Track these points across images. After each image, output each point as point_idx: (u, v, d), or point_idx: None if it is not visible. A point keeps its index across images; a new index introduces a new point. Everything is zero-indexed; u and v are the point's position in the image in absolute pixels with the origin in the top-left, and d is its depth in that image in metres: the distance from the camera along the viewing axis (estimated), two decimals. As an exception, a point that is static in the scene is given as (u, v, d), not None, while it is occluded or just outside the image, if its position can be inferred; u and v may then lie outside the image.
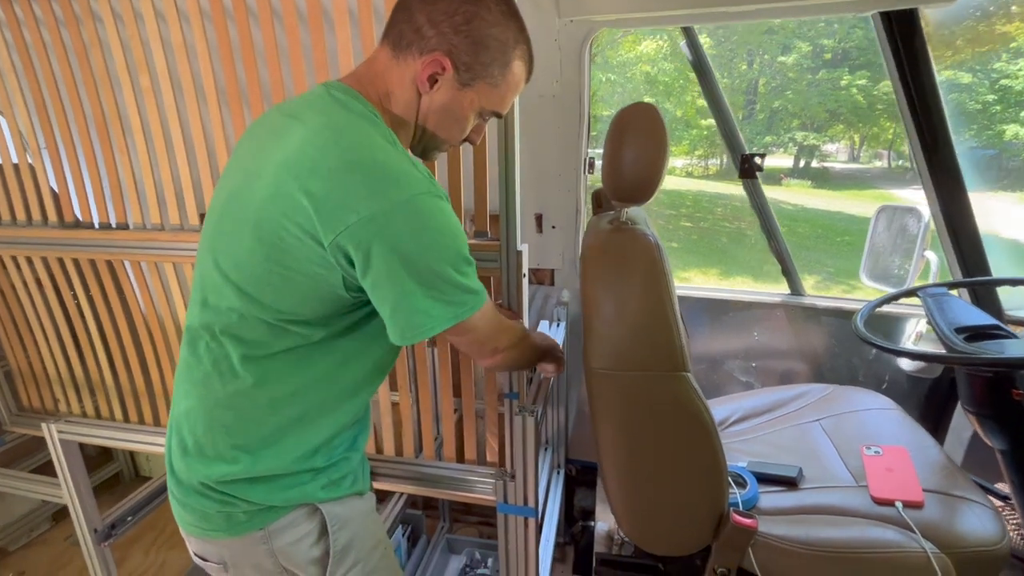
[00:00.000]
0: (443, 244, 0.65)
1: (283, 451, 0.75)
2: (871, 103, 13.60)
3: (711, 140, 13.48)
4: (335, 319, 0.71)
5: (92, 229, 1.33)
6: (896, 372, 1.47)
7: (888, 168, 15.44)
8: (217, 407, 0.72)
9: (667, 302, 0.85)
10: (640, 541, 0.98)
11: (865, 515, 0.93)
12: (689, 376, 0.86)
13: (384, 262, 0.63)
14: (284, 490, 0.75)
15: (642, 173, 0.86)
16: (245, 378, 0.70)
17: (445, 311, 0.67)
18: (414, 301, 0.65)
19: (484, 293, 0.72)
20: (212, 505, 0.74)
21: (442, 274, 0.66)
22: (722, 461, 0.88)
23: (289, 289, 0.66)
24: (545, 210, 1.56)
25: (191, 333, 0.74)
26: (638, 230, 0.89)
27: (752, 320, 1.55)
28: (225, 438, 0.73)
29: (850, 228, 9.58)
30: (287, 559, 0.77)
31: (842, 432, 1.14)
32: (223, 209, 0.71)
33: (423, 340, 0.68)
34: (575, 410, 1.78)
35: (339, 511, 0.80)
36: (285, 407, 0.73)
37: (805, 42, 14.11)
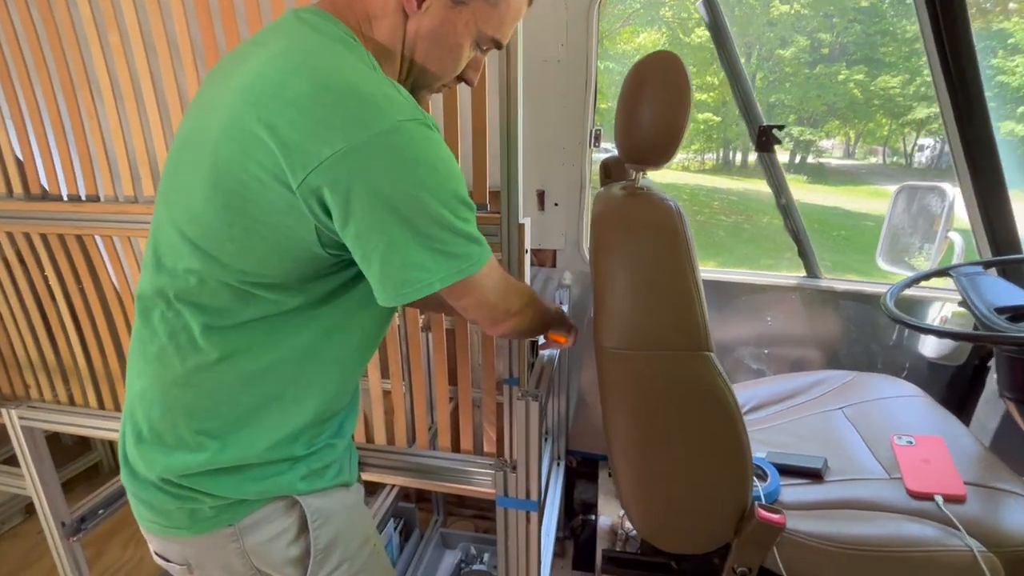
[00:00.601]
0: (437, 182, 0.55)
1: (256, 437, 0.65)
2: (868, 99, 13.63)
3: (707, 135, 13.46)
4: (312, 283, 0.62)
5: (60, 201, 1.23)
6: (917, 359, 1.39)
7: (883, 164, 15.51)
8: (175, 386, 0.63)
9: (689, 274, 0.76)
10: (653, 538, 0.90)
11: (901, 510, 0.85)
12: (712, 356, 0.77)
13: (367, 206, 0.52)
14: (257, 481, 0.66)
15: (662, 131, 0.77)
16: (208, 352, 0.61)
17: (445, 264, 0.57)
18: (407, 253, 0.55)
19: (488, 246, 0.62)
20: (172, 501, 0.65)
21: (439, 218, 0.56)
22: (747, 450, 0.80)
23: (254, 245, 0.56)
24: (547, 186, 1.47)
25: (143, 301, 0.64)
26: (655, 195, 0.80)
27: (765, 304, 1.47)
28: (186, 422, 0.63)
29: (845, 223, 9.56)
30: (261, 559, 0.68)
31: (868, 421, 1.06)
32: (178, 154, 0.61)
33: (419, 298, 0.57)
34: (575, 399, 1.69)
35: (321, 504, 0.71)
36: (257, 385, 0.64)
37: (803, 36, 14.10)
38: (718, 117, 12.94)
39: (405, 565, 1.61)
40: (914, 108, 12.77)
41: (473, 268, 0.59)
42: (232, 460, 0.64)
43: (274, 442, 0.66)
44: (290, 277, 0.59)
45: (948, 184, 1.39)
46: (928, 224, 1.41)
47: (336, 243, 0.58)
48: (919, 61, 12.57)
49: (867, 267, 4.45)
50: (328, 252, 0.59)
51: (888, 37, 13.06)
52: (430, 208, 0.55)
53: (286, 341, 0.63)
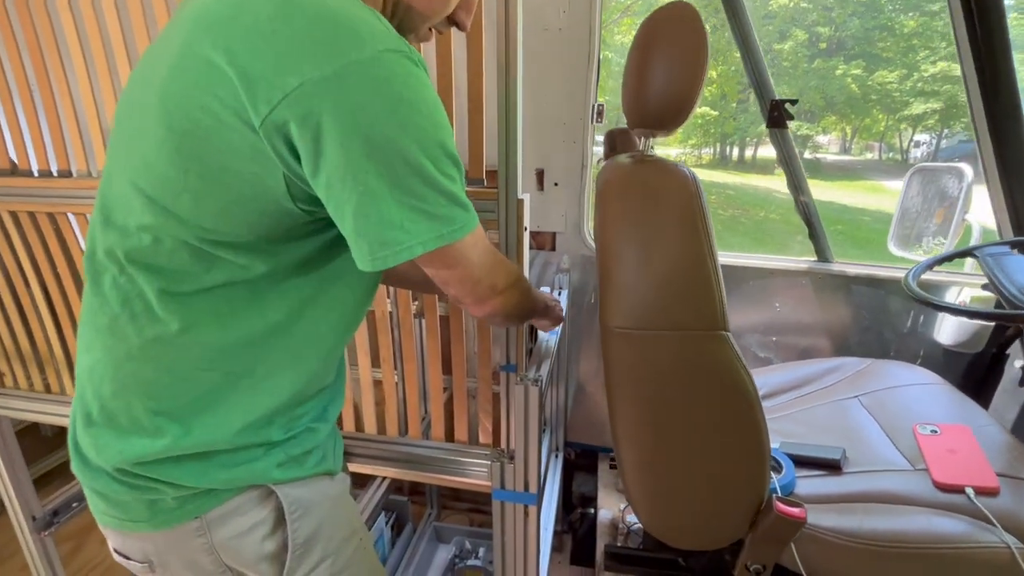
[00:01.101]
0: (421, 127, 0.48)
1: (224, 419, 0.58)
2: (865, 94, 13.62)
3: (705, 129, 13.41)
4: (283, 246, 0.54)
5: (30, 177, 1.16)
6: (932, 347, 1.34)
7: (879, 160, 15.54)
8: (129, 360, 0.55)
9: (706, 247, 0.69)
10: (660, 533, 0.84)
11: (928, 503, 0.79)
12: (730, 336, 0.71)
13: (339, 146, 0.45)
14: (226, 468, 0.59)
15: (676, 91, 0.70)
16: (166, 321, 0.53)
17: (426, 227, 0.50)
18: (384, 208, 0.48)
19: (475, 213, 0.55)
20: (129, 492, 0.58)
21: (420, 170, 0.49)
22: (766, 438, 0.73)
23: (213, 197, 0.49)
24: (547, 165, 1.40)
25: (92, 265, 0.57)
26: (668, 162, 0.73)
27: (774, 289, 1.40)
28: (143, 401, 0.56)
29: (842, 218, 9.55)
30: (232, 555, 0.61)
31: (887, 409, 1.00)
32: (128, 95, 0.54)
33: (399, 263, 0.50)
34: (574, 388, 1.63)
35: (300, 494, 0.64)
36: (223, 361, 0.56)
37: (801, 29, 14.08)
38: (715, 111, 12.91)
39: (397, 560, 1.55)
40: (911, 104, 12.76)
41: (457, 234, 0.53)
42: (197, 445, 0.57)
43: (245, 425, 0.59)
44: (257, 236, 0.52)
45: (965, 164, 1.33)
46: (945, 207, 1.36)
47: (308, 196, 0.51)
48: (916, 57, 12.56)
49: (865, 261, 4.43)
50: (300, 207, 0.51)
51: (886, 32, 13.04)
52: (411, 156, 0.48)
53: (255, 313, 0.56)
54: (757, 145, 15.19)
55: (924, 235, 1.44)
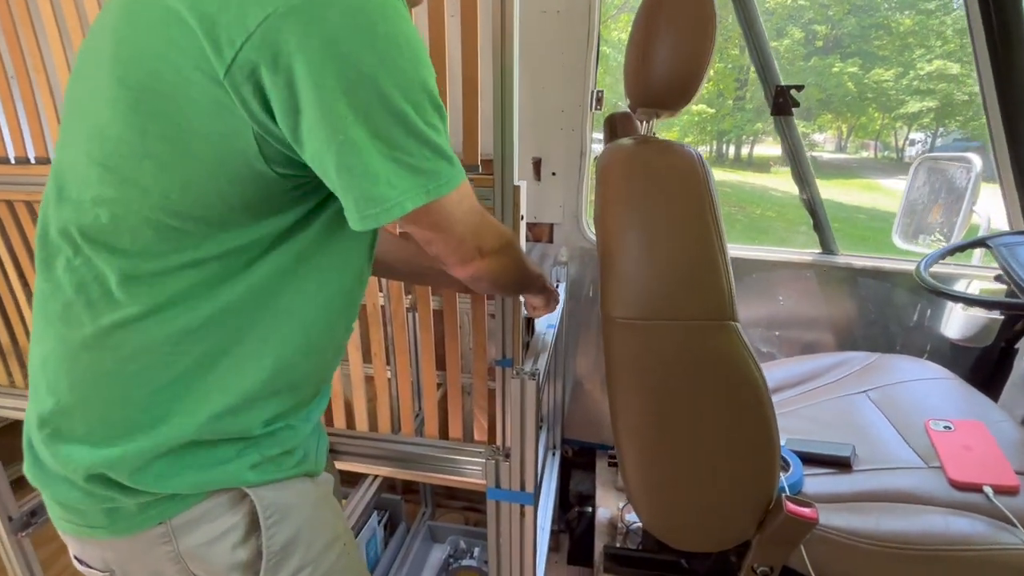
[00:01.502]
0: (400, 66, 0.44)
1: (195, 407, 0.52)
2: (861, 92, 13.62)
3: (701, 127, 13.40)
4: (259, 219, 0.50)
5: (7, 164, 1.11)
6: (939, 341, 1.30)
7: (874, 158, 15.56)
8: (86, 350, 0.50)
9: (713, 233, 0.66)
10: (663, 534, 0.80)
11: (944, 503, 0.75)
12: (739, 327, 0.67)
13: (314, 88, 0.41)
14: (195, 470, 0.54)
15: (682, 67, 0.66)
16: (127, 306, 0.49)
17: (411, 182, 0.47)
18: (366, 160, 0.44)
19: (461, 168, 0.52)
20: (86, 499, 0.53)
21: (402, 117, 0.45)
22: (776, 434, 0.70)
23: (177, 162, 0.45)
24: (544, 153, 1.36)
25: (44, 245, 0.52)
26: (674, 143, 0.69)
27: (777, 282, 1.37)
28: (102, 396, 0.51)
29: (838, 215, 9.57)
30: (200, 564, 0.56)
31: (897, 405, 0.97)
32: (82, 55, 0.49)
33: (390, 222, 0.47)
34: (572, 385, 1.60)
35: (276, 498, 0.59)
36: (194, 343, 0.51)
37: (798, 27, 14.07)
38: (712, 109, 12.89)
39: (390, 560, 1.51)
40: (907, 102, 12.78)
41: (443, 189, 0.49)
42: (163, 444, 0.52)
43: (218, 412, 0.53)
44: (230, 208, 0.47)
45: (974, 154, 1.30)
46: (953, 198, 1.32)
47: (283, 157, 0.46)
48: (912, 55, 12.57)
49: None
50: (275, 170, 0.47)
51: (882, 31, 13.04)
52: (391, 101, 0.44)
53: (228, 292, 0.51)
54: (753, 143, 15.21)
55: (931, 227, 1.40)
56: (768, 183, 12.91)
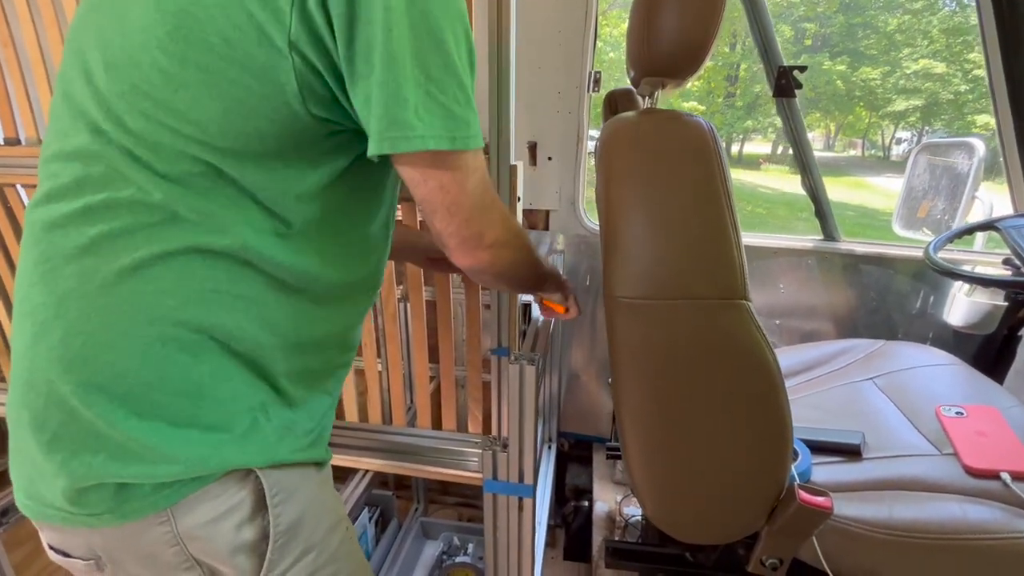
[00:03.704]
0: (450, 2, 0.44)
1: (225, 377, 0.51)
2: (849, 90, 13.73)
3: (693, 123, 13.39)
4: (292, 168, 0.48)
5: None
6: (942, 329, 1.28)
7: (861, 156, 15.71)
8: (103, 295, 0.47)
9: (725, 207, 0.62)
10: (670, 526, 0.77)
11: (959, 490, 0.73)
12: (751, 306, 0.64)
13: (382, 8, 0.41)
14: (213, 446, 0.50)
15: (690, 30, 0.62)
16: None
17: (441, 122, 0.45)
18: (403, 84, 0.43)
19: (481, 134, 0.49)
20: (90, 491, 0.49)
21: (443, 48, 0.44)
22: (788, 421, 0.66)
23: (217, 94, 0.44)
24: (540, 137, 1.32)
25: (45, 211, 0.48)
26: (681, 113, 0.66)
27: (778, 270, 1.34)
28: (109, 362, 0.47)
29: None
30: (200, 547, 0.52)
31: (905, 391, 0.94)
32: None
33: (408, 151, 0.45)
34: (567, 377, 1.56)
35: (282, 476, 0.55)
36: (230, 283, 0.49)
37: (787, 25, 14.15)
38: (702, 106, 12.93)
39: (382, 557, 1.47)
40: (894, 101, 12.90)
41: (469, 142, 0.47)
42: (202, 413, 0.49)
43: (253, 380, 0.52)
44: (265, 151, 0.47)
45: (976, 139, 1.28)
46: (954, 184, 1.30)
47: (321, 97, 0.45)
48: (899, 54, 12.69)
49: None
50: (312, 112, 0.46)
51: (870, 29, 13.14)
52: (435, 22, 0.43)
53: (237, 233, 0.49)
54: (743, 141, 15.28)
55: (932, 213, 1.38)
56: (758, 180, 12.98)
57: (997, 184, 1.40)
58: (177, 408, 0.49)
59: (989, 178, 1.32)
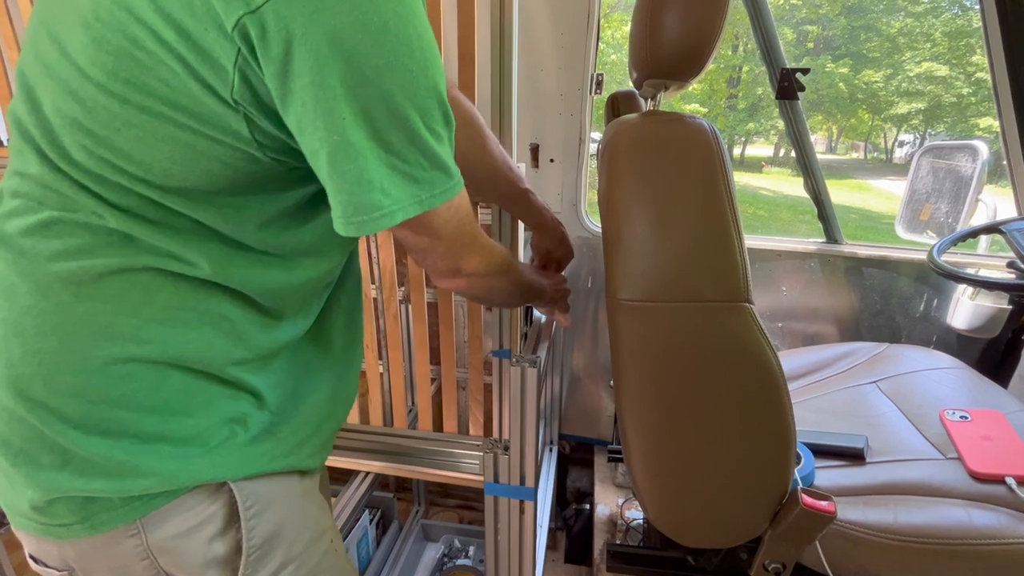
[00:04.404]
0: (408, 67, 0.41)
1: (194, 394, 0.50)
2: (852, 93, 13.72)
3: (695, 126, 13.39)
4: (251, 198, 0.47)
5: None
6: (945, 332, 1.28)
7: (864, 159, 15.69)
8: (66, 304, 0.45)
9: (728, 210, 0.62)
10: (672, 530, 0.76)
11: (963, 495, 0.72)
12: (753, 309, 0.63)
13: (311, 75, 0.38)
14: (183, 459, 0.49)
15: (693, 31, 0.62)
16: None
17: (404, 190, 0.44)
18: (362, 165, 0.42)
19: (460, 178, 0.48)
20: (51, 506, 0.48)
21: (405, 122, 0.42)
22: (792, 424, 0.66)
23: (158, 135, 0.42)
24: (542, 139, 1.32)
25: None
26: (684, 115, 0.65)
27: (780, 272, 1.34)
28: (77, 376, 0.46)
29: (831, 215, 9.65)
30: (171, 560, 0.51)
31: (908, 395, 0.94)
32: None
33: (377, 231, 0.45)
34: (569, 379, 1.56)
35: (258, 487, 0.54)
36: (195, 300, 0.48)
37: (789, 28, 14.15)
38: (704, 108, 12.93)
39: (383, 559, 1.47)
40: (896, 103, 12.88)
41: (436, 200, 0.46)
42: (170, 429, 0.48)
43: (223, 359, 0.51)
44: (217, 190, 0.45)
45: (979, 142, 1.28)
46: (958, 186, 1.30)
47: (280, 146, 0.44)
48: (902, 57, 12.67)
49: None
50: (269, 156, 0.44)
51: (872, 32, 13.13)
52: (396, 104, 0.41)
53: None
54: (745, 143, 15.27)
55: (935, 216, 1.38)
56: (760, 183, 12.97)
57: (1000, 188, 1.39)
58: (144, 424, 0.48)
59: (992, 181, 1.32)
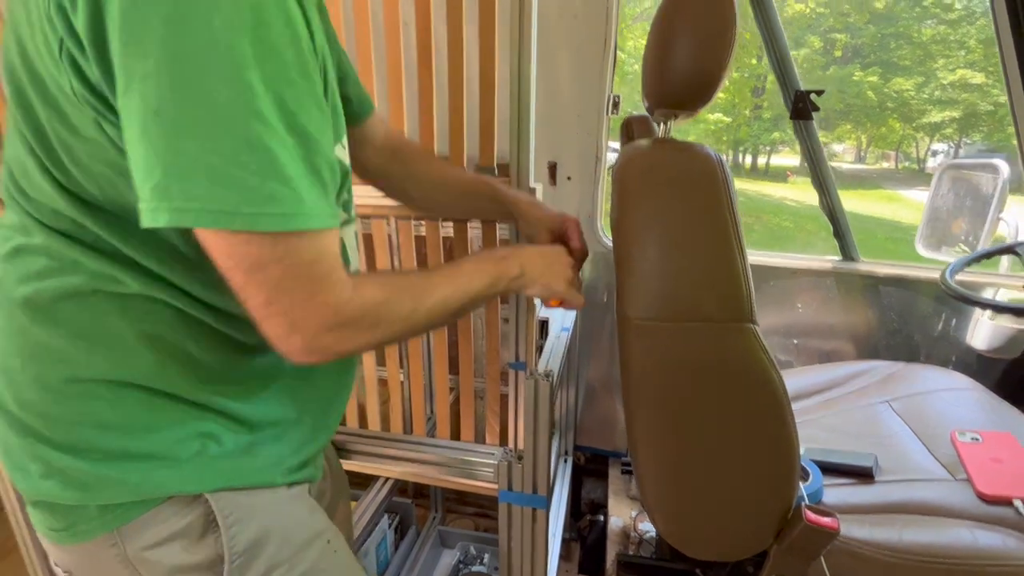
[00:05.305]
0: (263, 37, 0.34)
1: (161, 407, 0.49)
2: (881, 101, 13.42)
3: (717, 136, 13.33)
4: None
5: None
6: (965, 352, 1.27)
7: (895, 169, 15.30)
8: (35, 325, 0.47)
9: (732, 232, 0.65)
10: (680, 542, 0.78)
11: (970, 516, 0.73)
12: (757, 329, 0.66)
13: (122, 17, 0.33)
14: (149, 472, 0.49)
15: (702, 66, 0.66)
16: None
17: (222, 193, 0.36)
18: (175, 141, 0.35)
19: (325, 210, 0.40)
20: (50, 509, 0.50)
21: (243, 84, 0.35)
22: (795, 440, 0.68)
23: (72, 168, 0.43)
24: (560, 158, 1.36)
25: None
26: (694, 145, 0.69)
27: (796, 290, 1.35)
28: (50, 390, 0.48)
29: (856, 227, 9.46)
30: (151, 569, 0.51)
31: (921, 415, 0.94)
32: None
33: (176, 226, 0.37)
34: (584, 391, 1.58)
35: (241, 498, 0.53)
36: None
37: (817, 36, 13.94)
38: (728, 118, 12.82)
39: (400, 564, 1.51)
40: (928, 112, 12.59)
41: (261, 223, 0.37)
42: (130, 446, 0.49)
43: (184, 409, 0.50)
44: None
45: (1000, 160, 1.27)
46: (979, 205, 1.29)
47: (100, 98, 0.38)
48: (934, 64, 12.40)
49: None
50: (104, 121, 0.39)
51: (903, 40, 12.88)
52: (231, 49, 0.34)
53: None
54: (770, 153, 15.08)
55: (955, 237, 1.37)
56: (785, 193, 12.79)
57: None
58: (107, 440, 0.48)
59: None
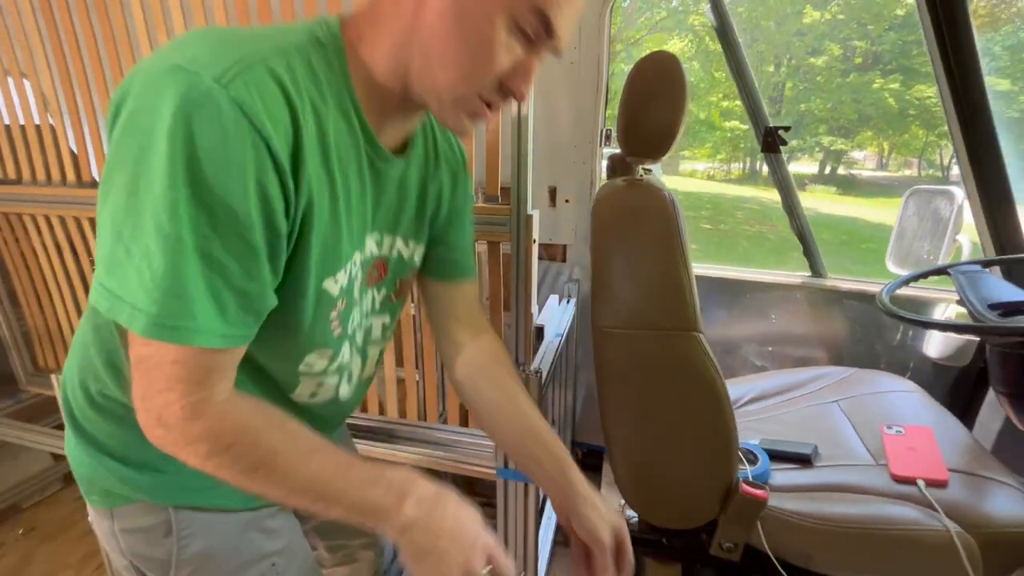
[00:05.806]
0: (164, 165, 0.37)
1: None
2: (903, 108, 13.24)
3: (734, 144, 13.30)
4: None
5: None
6: (921, 360, 1.40)
7: (918, 176, 15.02)
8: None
9: (680, 259, 0.81)
10: (644, 512, 0.95)
11: (884, 493, 0.88)
12: (700, 336, 0.82)
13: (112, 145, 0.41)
14: (135, 476, 0.56)
15: (659, 126, 0.83)
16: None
17: (129, 288, 0.40)
18: (118, 242, 0.40)
19: (222, 327, 0.42)
20: (86, 464, 0.59)
21: (175, 213, 0.38)
22: (732, 426, 0.84)
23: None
24: (559, 183, 1.53)
25: None
26: (653, 186, 0.86)
27: (770, 302, 1.50)
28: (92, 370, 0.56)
29: (874, 235, 9.33)
30: (130, 548, 0.59)
31: (862, 413, 1.09)
32: None
33: (119, 323, 0.41)
34: (583, 390, 1.74)
35: (198, 516, 0.58)
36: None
37: (836, 43, 13.81)
38: (745, 126, 12.83)
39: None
40: (952, 119, 12.40)
41: (140, 324, 0.40)
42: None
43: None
44: None
45: (957, 188, 1.41)
46: (938, 227, 1.43)
47: None
48: (958, 72, 12.22)
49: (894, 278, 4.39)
50: None
51: (924, 46, 12.75)
52: (172, 202, 0.38)
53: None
54: (788, 160, 15.01)
55: (919, 253, 1.51)
56: (803, 202, 12.71)
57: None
58: (113, 443, 0.57)
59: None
